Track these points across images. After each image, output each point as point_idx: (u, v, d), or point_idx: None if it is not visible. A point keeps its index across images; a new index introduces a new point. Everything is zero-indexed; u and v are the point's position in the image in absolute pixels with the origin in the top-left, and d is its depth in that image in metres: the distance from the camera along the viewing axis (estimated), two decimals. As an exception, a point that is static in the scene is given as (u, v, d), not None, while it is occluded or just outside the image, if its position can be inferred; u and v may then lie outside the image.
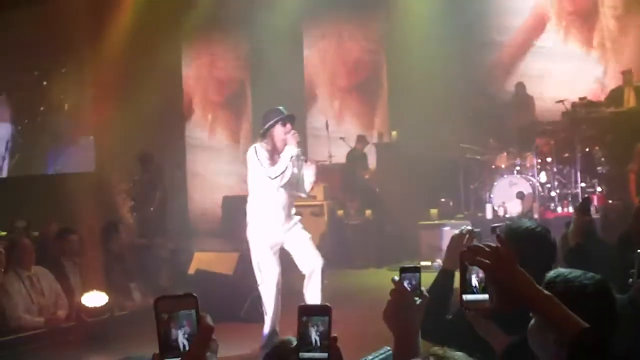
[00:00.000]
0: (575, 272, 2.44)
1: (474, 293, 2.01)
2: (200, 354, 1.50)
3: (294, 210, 7.53)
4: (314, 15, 15.10)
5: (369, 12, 15.19)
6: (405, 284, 2.29)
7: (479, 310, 2.02)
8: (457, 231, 3.62)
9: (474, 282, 2.01)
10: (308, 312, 1.85)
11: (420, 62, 13.19)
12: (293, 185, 7.30)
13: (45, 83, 14.68)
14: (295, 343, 1.84)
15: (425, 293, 2.32)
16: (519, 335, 2.59)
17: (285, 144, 7.10)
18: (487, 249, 1.95)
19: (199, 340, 1.51)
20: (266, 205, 7.25)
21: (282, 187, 7.15)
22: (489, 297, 1.96)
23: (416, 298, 2.29)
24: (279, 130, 7.12)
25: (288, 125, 7.13)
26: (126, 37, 14.32)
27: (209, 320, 1.54)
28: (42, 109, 14.53)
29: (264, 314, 7.48)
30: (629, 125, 11.43)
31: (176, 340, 1.52)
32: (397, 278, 2.30)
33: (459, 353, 1.82)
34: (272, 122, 7.13)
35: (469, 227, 3.47)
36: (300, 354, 1.82)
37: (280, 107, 7.30)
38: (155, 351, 1.52)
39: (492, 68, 14.27)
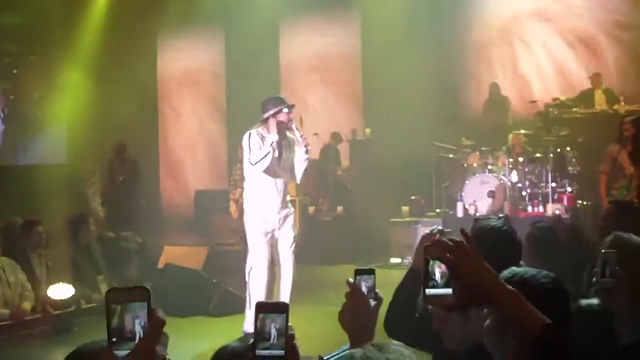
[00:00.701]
0: (531, 271, 2.49)
1: (436, 287, 2.00)
2: (150, 347, 1.48)
3: (289, 198, 7.60)
4: (291, 9, 15.05)
5: (345, 10, 15.18)
6: (361, 285, 2.28)
7: (441, 305, 2.00)
8: (427, 230, 3.60)
9: (437, 276, 1.99)
10: (265, 309, 1.82)
11: (396, 60, 13.19)
12: (287, 171, 7.40)
13: (15, 71, 14.49)
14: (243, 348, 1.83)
15: (380, 295, 2.31)
16: None
17: (282, 132, 7.23)
18: (451, 243, 1.92)
19: (149, 333, 1.50)
20: (260, 191, 7.37)
21: (276, 173, 7.25)
22: (453, 292, 1.95)
23: (371, 300, 2.28)
24: (278, 118, 7.19)
25: (289, 113, 7.25)
26: (100, 25, 14.20)
27: (160, 314, 1.52)
28: (12, 97, 14.33)
29: (247, 304, 7.35)
30: (600, 127, 11.55)
31: (127, 332, 1.50)
32: (352, 280, 2.29)
33: (397, 342, 1.83)
34: (273, 110, 7.19)
35: (440, 227, 3.45)
36: (257, 351, 1.80)
37: (282, 96, 7.50)
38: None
39: (467, 67, 14.31)
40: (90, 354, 2.32)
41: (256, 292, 7.34)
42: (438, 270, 1.97)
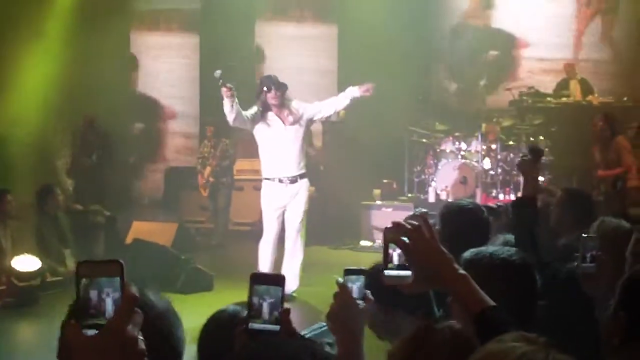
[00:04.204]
0: (495, 248, 2.60)
1: (396, 269, 1.98)
2: (121, 326, 1.37)
3: (301, 167, 7.99)
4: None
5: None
6: (350, 286, 2.18)
7: (400, 287, 1.98)
8: (399, 214, 3.60)
9: (396, 258, 1.98)
10: (260, 280, 1.76)
11: (372, 40, 13.10)
12: (295, 146, 7.86)
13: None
14: (241, 312, 1.76)
15: (370, 296, 2.22)
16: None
17: (274, 108, 7.82)
18: (408, 226, 1.93)
19: (121, 310, 1.38)
20: (268, 166, 7.93)
21: (283, 143, 7.80)
22: (411, 274, 1.94)
23: (360, 301, 2.18)
24: (270, 96, 7.77)
25: (275, 91, 7.75)
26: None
27: (133, 289, 1.40)
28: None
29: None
30: (574, 117, 11.59)
31: (97, 308, 1.39)
32: (341, 280, 2.19)
33: None
34: (259, 89, 7.87)
35: (424, 210, 3.44)
36: (250, 324, 1.73)
37: (272, 75, 8.11)
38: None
39: (443, 52, 14.26)
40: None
41: (261, 267, 7.58)
42: (398, 253, 1.97)
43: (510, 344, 1.46)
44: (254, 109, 7.85)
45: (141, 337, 1.40)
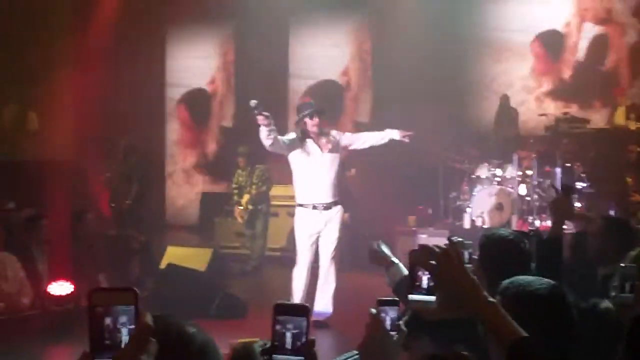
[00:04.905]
0: (530, 279, 2.51)
1: (422, 294, 1.94)
2: (134, 355, 1.35)
3: (336, 194, 7.99)
4: (301, 10, 14.99)
5: (357, 12, 15.09)
6: (382, 316, 2.14)
7: (424, 311, 1.94)
8: (433, 239, 3.56)
9: (424, 283, 1.94)
10: (284, 311, 1.73)
11: (408, 64, 13.10)
12: (330, 172, 7.85)
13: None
14: (264, 345, 1.73)
15: (404, 328, 2.18)
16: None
17: (312, 134, 7.83)
18: (436, 249, 1.90)
19: (134, 340, 1.37)
20: (304, 192, 7.93)
21: (318, 174, 7.79)
22: (435, 299, 1.90)
23: (393, 333, 2.14)
24: (308, 122, 7.81)
25: (315, 118, 7.81)
26: (110, 24, 14.17)
27: (148, 319, 1.39)
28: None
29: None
30: (611, 144, 11.45)
31: (110, 337, 1.38)
32: (374, 311, 2.15)
33: None
34: (302, 113, 7.87)
35: (459, 239, 3.40)
36: (274, 356, 1.71)
37: (311, 101, 8.18)
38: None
39: (480, 77, 14.20)
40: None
41: (295, 293, 7.76)
42: (427, 277, 1.94)
43: None
44: (292, 135, 7.89)
45: None
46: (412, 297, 1.95)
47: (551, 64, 13.79)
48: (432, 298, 1.92)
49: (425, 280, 1.96)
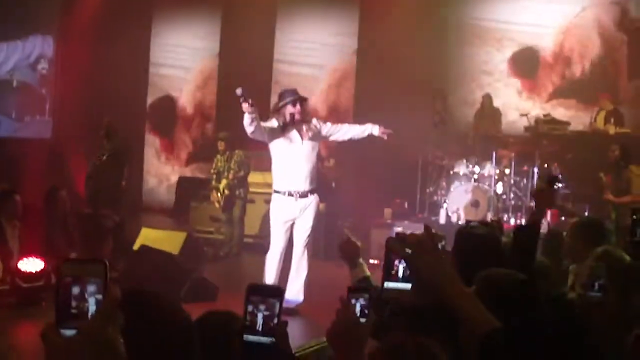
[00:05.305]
0: (505, 271, 2.63)
1: (397, 282, 1.94)
2: (101, 327, 1.31)
3: (313, 183, 7.96)
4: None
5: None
6: (353, 303, 2.15)
7: (399, 299, 1.94)
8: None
9: (400, 271, 1.93)
10: (257, 291, 1.71)
11: (392, 57, 13.09)
12: (308, 161, 7.82)
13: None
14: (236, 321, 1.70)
15: (373, 315, 2.19)
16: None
17: (293, 121, 7.75)
18: (412, 238, 1.89)
19: (101, 311, 1.32)
20: (281, 179, 7.89)
21: (296, 162, 7.75)
22: (411, 287, 1.89)
23: (362, 319, 2.16)
24: (289, 109, 7.75)
25: (297, 106, 7.77)
26: (96, 3, 14.08)
27: (117, 291, 1.35)
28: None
29: None
30: (590, 146, 11.52)
31: (78, 308, 1.33)
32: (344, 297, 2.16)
33: None
34: (285, 101, 7.80)
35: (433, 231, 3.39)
36: (245, 336, 1.68)
37: (295, 89, 8.11)
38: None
39: (463, 74, 14.23)
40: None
41: (266, 279, 7.69)
42: (401, 265, 1.93)
43: None
44: (274, 122, 7.85)
45: (122, 340, 1.33)
46: (387, 284, 1.94)
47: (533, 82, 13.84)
48: (408, 286, 1.90)
49: (401, 268, 1.94)
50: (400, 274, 1.96)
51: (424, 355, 1.92)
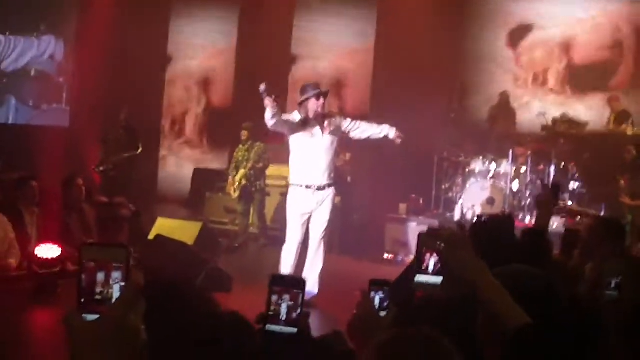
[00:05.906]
0: (525, 268, 2.48)
1: (428, 275, 1.96)
2: (122, 313, 1.29)
3: (330, 177, 7.97)
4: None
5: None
6: (372, 296, 2.17)
7: (429, 292, 1.96)
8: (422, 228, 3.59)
9: (431, 264, 1.96)
10: (281, 282, 1.73)
11: (410, 53, 13.06)
12: (327, 154, 7.84)
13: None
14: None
15: (393, 307, 2.19)
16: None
17: (316, 116, 7.76)
18: (444, 233, 1.93)
19: (122, 297, 1.32)
20: (299, 172, 7.91)
21: (318, 150, 7.80)
22: (442, 281, 1.92)
23: (382, 312, 2.17)
24: (312, 103, 7.75)
25: (321, 100, 7.78)
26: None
27: (139, 277, 1.36)
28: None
29: None
30: (607, 147, 11.47)
31: (99, 294, 1.33)
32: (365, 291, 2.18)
33: None
34: (307, 95, 7.79)
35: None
36: (268, 326, 1.70)
37: (317, 82, 8.20)
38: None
39: (481, 71, 14.19)
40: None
41: (283, 271, 7.71)
42: (433, 259, 1.95)
43: None
44: (295, 115, 7.88)
45: (143, 327, 1.33)
46: (419, 277, 1.96)
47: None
48: (439, 279, 1.93)
49: (432, 262, 1.97)
50: (430, 267, 1.99)
51: (432, 347, 1.93)
